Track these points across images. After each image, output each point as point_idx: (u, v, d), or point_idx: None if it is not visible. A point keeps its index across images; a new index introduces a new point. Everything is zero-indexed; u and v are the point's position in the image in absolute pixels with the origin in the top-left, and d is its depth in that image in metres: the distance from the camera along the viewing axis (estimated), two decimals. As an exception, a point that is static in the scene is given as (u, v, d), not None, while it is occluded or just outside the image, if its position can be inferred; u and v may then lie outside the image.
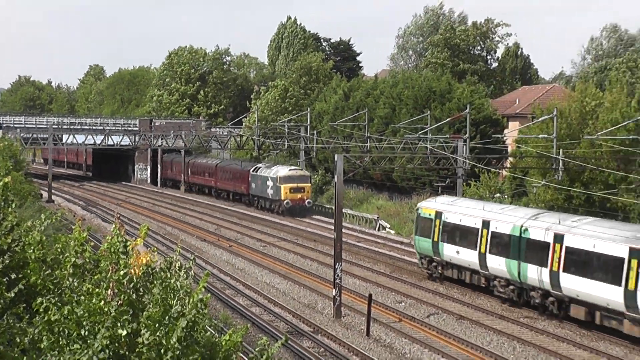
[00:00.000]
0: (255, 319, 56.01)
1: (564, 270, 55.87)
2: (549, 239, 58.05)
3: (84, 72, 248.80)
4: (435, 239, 70.06)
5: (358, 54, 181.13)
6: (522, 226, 61.25)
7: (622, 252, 51.45)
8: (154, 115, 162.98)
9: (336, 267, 58.69)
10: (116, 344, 11.56)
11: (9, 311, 11.22)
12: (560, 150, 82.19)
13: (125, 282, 12.73)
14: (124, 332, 11.65)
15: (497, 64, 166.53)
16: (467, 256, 66.98)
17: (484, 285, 66.01)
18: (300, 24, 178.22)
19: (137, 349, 11.63)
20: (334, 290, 58.89)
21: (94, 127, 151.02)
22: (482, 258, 65.05)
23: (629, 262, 50.35)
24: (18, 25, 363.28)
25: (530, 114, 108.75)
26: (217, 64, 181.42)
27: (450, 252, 68.73)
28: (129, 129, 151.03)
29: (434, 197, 79.16)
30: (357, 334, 54.04)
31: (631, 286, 50.26)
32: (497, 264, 63.14)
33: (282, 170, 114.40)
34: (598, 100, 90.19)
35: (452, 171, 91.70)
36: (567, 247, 56.15)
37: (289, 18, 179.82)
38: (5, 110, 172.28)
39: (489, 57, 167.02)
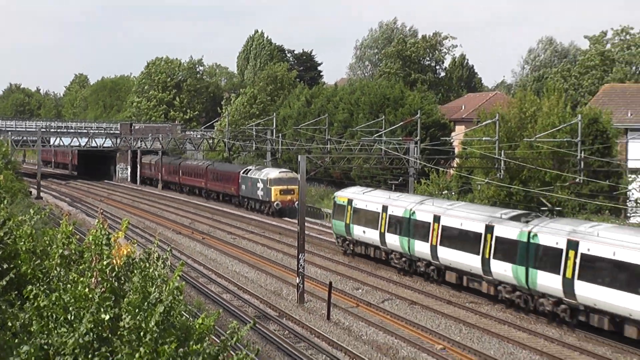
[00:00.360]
0: (226, 305, 56.00)
1: (440, 244, 63.11)
2: (430, 219, 64.74)
3: (70, 80, 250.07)
4: (347, 221, 76.51)
5: (319, 64, 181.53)
6: (411, 210, 67.57)
7: (480, 228, 58.47)
8: (133, 120, 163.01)
9: (299, 257, 58.81)
10: (99, 328, 11.56)
11: (1, 298, 11.21)
12: (502, 152, 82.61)
13: (107, 271, 12.73)
14: (107, 317, 11.65)
15: (444, 73, 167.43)
16: (371, 235, 73.39)
17: (384, 259, 72.51)
18: (267, 36, 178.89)
19: (118, 332, 11.64)
20: (297, 278, 58.96)
21: (79, 131, 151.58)
22: (382, 237, 71.58)
23: (485, 236, 57.33)
24: (9, 35, 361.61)
25: (474, 119, 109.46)
26: (191, 73, 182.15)
27: (359, 232, 75.06)
28: (111, 132, 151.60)
29: (348, 188, 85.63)
30: (319, 318, 54.08)
31: (486, 255, 57.42)
32: (393, 241, 69.77)
33: (273, 173, 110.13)
34: (536, 107, 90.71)
35: (404, 170, 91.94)
36: (442, 226, 63.22)
37: (257, 31, 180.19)
38: None
39: (437, 67, 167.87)
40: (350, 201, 76.49)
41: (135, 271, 13.14)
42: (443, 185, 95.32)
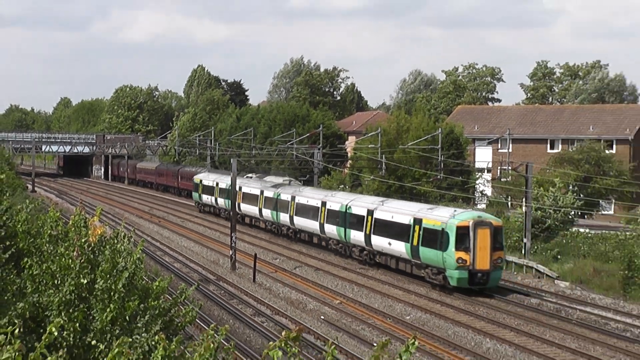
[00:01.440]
0: (176, 271, 55.73)
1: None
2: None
3: (57, 102, 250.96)
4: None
5: (246, 90, 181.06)
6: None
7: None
8: (106, 132, 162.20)
9: (232, 235, 58.67)
10: (79, 289, 11.41)
11: (3, 268, 11.06)
12: (383, 155, 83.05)
13: (85, 247, 12.57)
14: (85, 281, 11.51)
15: (340, 97, 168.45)
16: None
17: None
18: (206, 69, 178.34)
19: (94, 293, 11.48)
20: (230, 251, 58.84)
21: (64, 140, 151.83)
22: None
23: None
24: (11, 67, 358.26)
25: (362, 131, 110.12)
26: (149, 96, 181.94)
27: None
28: (89, 141, 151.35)
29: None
30: (247, 280, 54.00)
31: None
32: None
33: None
34: (408, 122, 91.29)
35: (310, 169, 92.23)
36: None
37: (199, 65, 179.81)
38: (0, 129, 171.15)
39: (334, 92, 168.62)
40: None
41: (107, 246, 13.02)
42: (340, 180, 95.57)
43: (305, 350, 34.05)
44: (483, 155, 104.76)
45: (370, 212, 59.63)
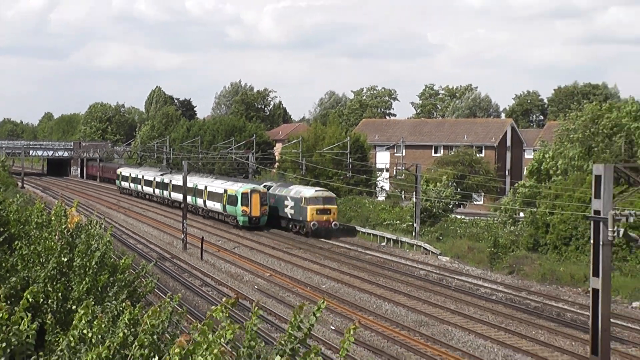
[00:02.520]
0: (139, 251, 55.11)
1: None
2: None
3: (41, 115, 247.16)
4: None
5: (195, 106, 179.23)
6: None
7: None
8: (81, 140, 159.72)
9: (184, 222, 58.29)
10: (60, 266, 11.31)
11: (-1, 249, 11.00)
12: (304, 158, 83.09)
13: (65, 232, 12.46)
14: (65, 259, 11.39)
15: (269, 112, 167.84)
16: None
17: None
18: (162, 89, 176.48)
19: (72, 269, 11.39)
20: (182, 235, 58.46)
21: (47, 146, 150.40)
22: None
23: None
24: (5, 86, 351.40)
25: (287, 139, 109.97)
26: (117, 111, 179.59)
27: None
28: (67, 147, 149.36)
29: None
30: (195, 258, 53.66)
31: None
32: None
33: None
34: (323, 132, 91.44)
35: (246, 169, 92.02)
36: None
37: (157, 87, 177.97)
38: None
39: (265, 108, 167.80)
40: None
41: (82, 231, 12.92)
42: (269, 178, 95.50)
43: (243, 313, 34.01)
44: (382, 158, 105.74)
45: (206, 187, 74.35)
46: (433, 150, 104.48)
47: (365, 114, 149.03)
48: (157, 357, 6.63)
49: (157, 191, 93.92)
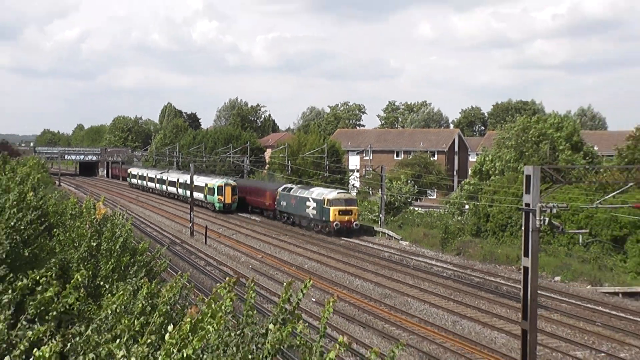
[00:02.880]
0: (154, 237, 54.85)
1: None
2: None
3: (74, 126, 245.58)
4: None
5: (200, 119, 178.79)
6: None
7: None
8: (107, 146, 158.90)
9: (191, 213, 58.02)
10: (90, 249, 11.31)
11: (40, 236, 10.87)
12: (289, 161, 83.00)
13: (93, 221, 12.42)
14: (94, 244, 11.36)
15: (260, 123, 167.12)
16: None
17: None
18: (173, 105, 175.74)
19: (100, 251, 11.38)
20: (190, 224, 58.22)
21: (79, 152, 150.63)
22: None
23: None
24: (43, 103, 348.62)
25: (276, 145, 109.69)
26: (135, 123, 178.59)
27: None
28: (95, 152, 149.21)
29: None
30: (200, 243, 53.49)
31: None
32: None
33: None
34: (305, 140, 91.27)
35: (241, 170, 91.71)
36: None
37: (168, 102, 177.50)
38: (37, 145, 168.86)
39: (257, 120, 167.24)
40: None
41: (108, 221, 12.90)
42: (262, 177, 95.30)
43: (241, 288, 34.00)
44: (353, 161, 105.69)
45: (191, 181, 69.96)
46: (395, 155, 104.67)
47: (340, 125, 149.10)
48: (171, 325, 6.66)
49: (157, 186, 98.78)
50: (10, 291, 6.96)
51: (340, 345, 6.24)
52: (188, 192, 76.85)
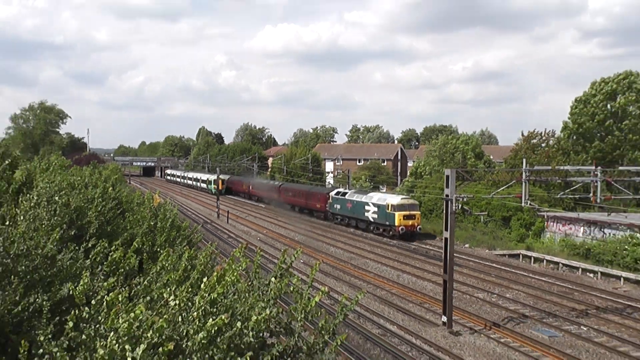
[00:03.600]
0: (192, 218, 53.95)
1: (200, 183, 73.01)
2: (196, 177, 77.26)
3: (139, 143, 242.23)
4: (214, 186, 71.48)
5: (223, 137, 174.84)
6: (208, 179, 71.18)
7: (205, 178, 73.96)
8: (161, 156, 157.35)
9: (217, 202, 57.24)
10: (150, 226, 11.22)
11: (117, 217, 10.82)
12: (285, 166, 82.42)
13: (152, 207, 12.33)
14: (152, 223, 11.31)
15: (265, 140, 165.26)
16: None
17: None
18: (205, 127, 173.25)
19: (156, 228, 11.29)
20: (216, 209, 57.36)
21: (142, 160, 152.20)
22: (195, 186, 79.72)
23: (207, 180, 71.01)
24: (120, 128, 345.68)
25: (275, 155, 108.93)
26: (180, 140, 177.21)
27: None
28: (153, 160, 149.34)
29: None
30: (224, 223, 52.75)
31: (207, 185, 69.68)
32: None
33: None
34: (297, 151, 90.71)
35: (252, 172, 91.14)
36: (201, 179, 75.64)
37: (202, 126, 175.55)
38: (115, 155, 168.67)
39: (262, 138, 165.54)
40: (199, 177, 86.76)
41: (162, 207, 12.81)
42: (264, 178, 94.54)
43: (251, 253, 33.79)
44: (329, 166, 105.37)
45: (199, 178, 74.11)
46: (358, 161, 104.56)
47: (319, 141, 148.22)
48: (205, 277, 6.65)
49: (183, 180, 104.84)
50: (91, 255, 6.94)
51: (323, 293, 6.27)
52: (198, 183, 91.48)
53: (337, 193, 51.27)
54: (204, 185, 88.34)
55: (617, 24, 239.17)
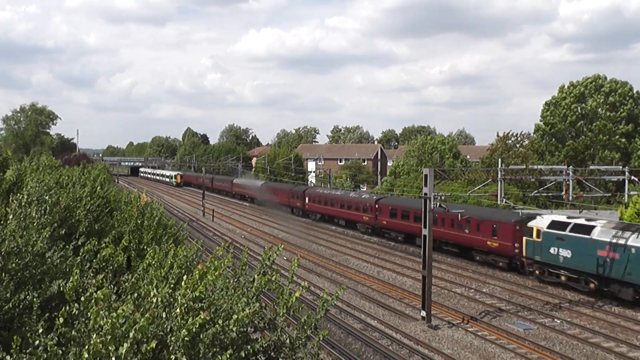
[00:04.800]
0: (178, 216, 53.75)
1: (164, 177, 78.53)
2: (161, 173, 70.77)
3: (127, 143, 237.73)
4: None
5: (208, 138, 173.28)
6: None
7: (169, 174, 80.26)
8: (148, 156, 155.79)
9: (203, 200, 57.00)
10: (137, 225, 11.19)
11: (105, 215, 10.78)
12: (268, 165, 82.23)
13: (139, 206, 12.30)
14: (139, 221, 11.28)
15: (249, 140, 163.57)
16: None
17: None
18: (191, 128, 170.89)
19: (143, 226, 11.28)
20: (202, 208, 57.11)
21: (130, 160, 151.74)
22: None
23: (170, 175, 72.05)
24: (109, 130, 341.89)
25: (259, 155, 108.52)
26: (166, 141, 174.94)
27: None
28: (140, 160, 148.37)
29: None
30: (209, 221, 52.61)
31: (171, 179, 75.32)
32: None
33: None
34: (280, 151, 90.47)
35: (236, 172, 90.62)
36: (165, 175, 79.32)
37: (188, 128, 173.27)
38: (103, 156, 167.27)
39: (247, 139, 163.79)
40: (163, 174, 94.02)
41: (148, 206, 12.78)
42: (248, 177, 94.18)
43: (236, 251, 33.69)
44: (311, 166, 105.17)
45: (164, 174, 76.31)
46: (339, 161, 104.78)
47: (302, 141, 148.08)
48: (187, 275, 6.71)
49: (153, 177, 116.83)
50: (81, 252, 6.95)
51: (303, 288, 6.39)
52: (167, 179, 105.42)
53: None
54: (167, 179, 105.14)
55: (586, 30, 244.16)
